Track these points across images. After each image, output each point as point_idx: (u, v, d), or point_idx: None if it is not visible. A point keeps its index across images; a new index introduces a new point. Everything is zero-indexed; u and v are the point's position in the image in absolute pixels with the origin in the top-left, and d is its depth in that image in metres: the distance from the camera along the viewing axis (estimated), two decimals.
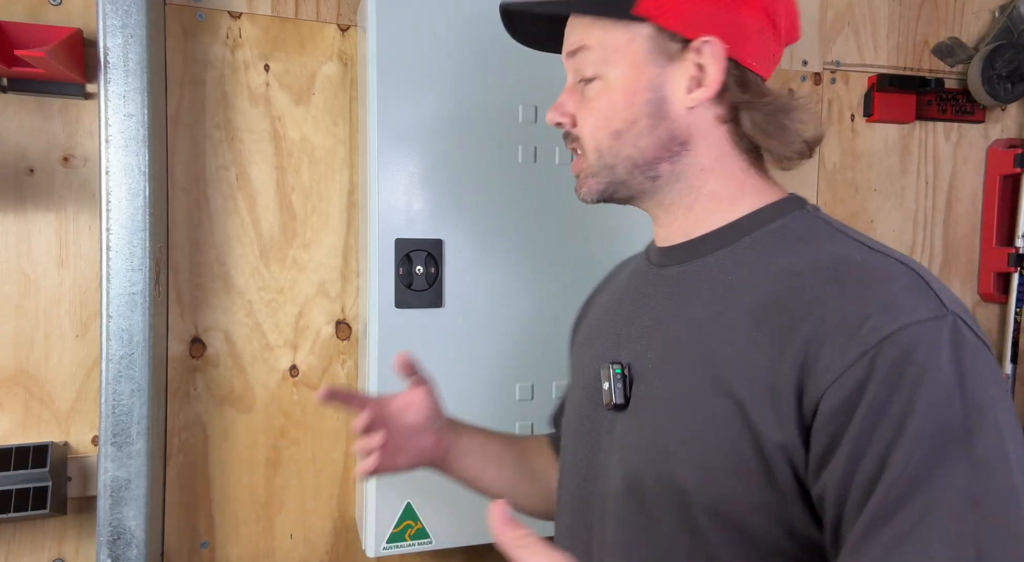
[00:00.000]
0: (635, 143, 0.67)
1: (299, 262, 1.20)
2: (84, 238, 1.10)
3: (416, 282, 1.06)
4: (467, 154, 1.08)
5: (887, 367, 0.52)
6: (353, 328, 1.23)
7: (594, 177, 0.70)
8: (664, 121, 0.67)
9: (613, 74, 0.67)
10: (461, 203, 1.08)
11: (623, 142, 0.67)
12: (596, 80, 0.68)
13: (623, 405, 0.68)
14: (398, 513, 1.08)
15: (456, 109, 1.06)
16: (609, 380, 0.69)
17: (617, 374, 0.68)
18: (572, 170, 0.74)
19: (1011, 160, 1.53)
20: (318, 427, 1.22)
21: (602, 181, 0.70)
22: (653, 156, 0.67)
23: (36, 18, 1.06)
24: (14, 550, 1.08)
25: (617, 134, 0.67)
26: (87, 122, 1.09)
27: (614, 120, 0.67)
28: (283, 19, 1.18)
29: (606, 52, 0.67)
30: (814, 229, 0.65)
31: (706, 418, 0.60)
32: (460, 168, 1.07)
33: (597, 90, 0.68)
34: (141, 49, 1.01)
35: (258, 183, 1.18)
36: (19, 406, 1.08)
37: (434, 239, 1.07)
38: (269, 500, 1.20)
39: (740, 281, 0.63)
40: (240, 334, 1.18)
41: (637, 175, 0.68)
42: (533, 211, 1.11)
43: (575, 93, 0.71)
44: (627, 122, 0.67)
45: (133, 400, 1.01)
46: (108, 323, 1.01)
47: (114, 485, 1.01)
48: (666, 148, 0.67)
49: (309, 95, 1.20)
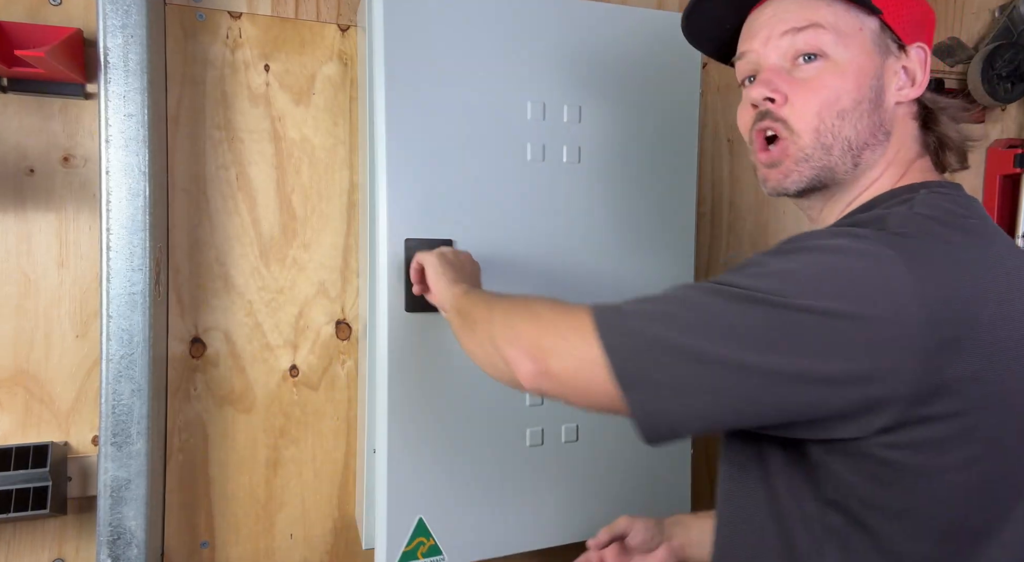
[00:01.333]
0: (855, 124, 0.70)
1: (299, 262, 1.20)
2: (84, 238, 1.10)
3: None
4: (476, 152, 1.06)
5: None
6: (353, 328, 1.23)
7: (806, 162, 0.71)
8: (879, 109, 0.72)
9: (844, 56, 0.70)
10: (470, 202, 1.05)
11: (846, 122, 0.70)
12: (820, 59, 0.70)
13: None
14: (410, 530, 1.04)
15: (464, 107, 1.04)
16: None
17: None
18: (764, 159, 0.73)
19: (1011, 160, 1.53)
20: (318, 427, 1.22)
21: (815, 166, 0.71)
22: (864, 141, 0.71)
23: (36, 18, 1.06)
24: (14, 550, 1.08)
25: (843, 113, 0.70)
26: (87, 122, 1.09)
27: (843, 99, 0.70)
28: (283, 19, 1.18)
29: (838, 34, 0.70)
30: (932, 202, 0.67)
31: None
32: (468, 166, 1.05)
33: (822, 69, 0.70)
34: (141, 49, 1.01)
35: (258, 183, 1.18)
36: (19, 406, 1.08)
37: (444, 239, 1.04)
38: (269, 500, 1.20)
39: None
40: (240, 334, 1.18)
41: (847, 159, 0.71)
42: (542, 210, 1.10)
43: (781, 73, 0.71)
44: (854, 102, 0.70)
45: (133, 400, 1.01)
46: (108, 323, 1.01)
47: (114, 485, 1.01)
48: (874, 135, 0.71)
49: (309, 95, 1.20)
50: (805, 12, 0.71)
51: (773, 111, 0.71)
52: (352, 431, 1.23)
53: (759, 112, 0.72)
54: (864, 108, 0.71)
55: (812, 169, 0.71)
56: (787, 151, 0.71)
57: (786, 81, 0.71)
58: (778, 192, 0.73)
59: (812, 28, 0.70)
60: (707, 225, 1.43)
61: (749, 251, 1.46)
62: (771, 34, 0.72)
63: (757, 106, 0.73)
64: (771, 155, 0.72)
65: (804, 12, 0.71)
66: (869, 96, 0.71)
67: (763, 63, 0.73)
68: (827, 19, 0.70)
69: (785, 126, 0.71)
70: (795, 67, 0.71)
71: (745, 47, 0.75)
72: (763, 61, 0.73)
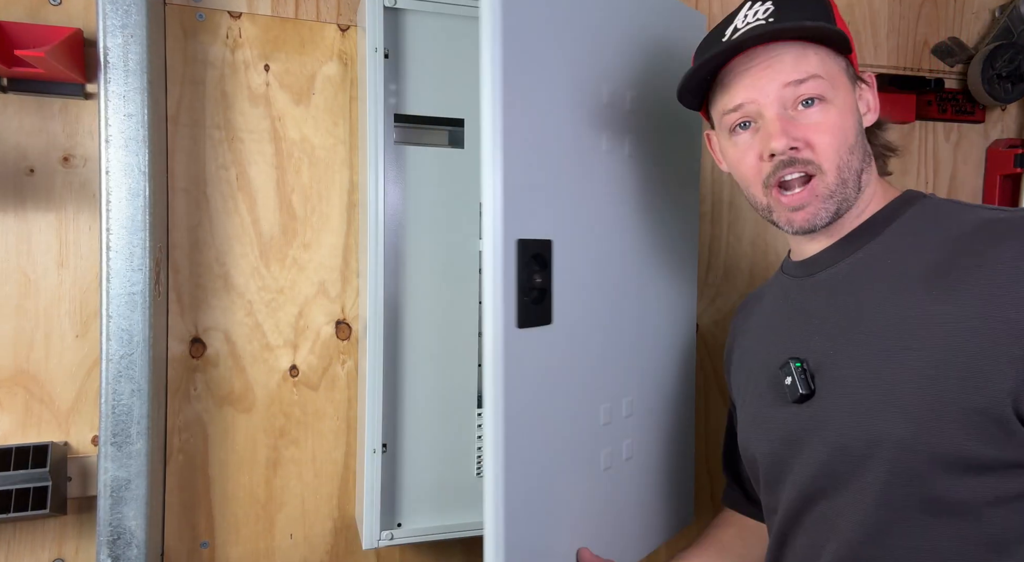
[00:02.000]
0: (858, 155, 0.79)
1: (299, 262, 1.20)
2: (84, 238, 1.10)
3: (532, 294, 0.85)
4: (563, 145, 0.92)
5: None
6: (353, 328, 1.23)
7: (831, 198, 0.77)
8: (863, 137, 0.81)
9: (838, 97, 0.77)
10: (564, 198, 0.91)
11: (854, 156, 0.78)
12: (821, 103, 0.77)
13: (809, 394, 0.77)
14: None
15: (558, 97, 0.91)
16: (792, 375, 0.78)
17: (798, 367, 0.78)
18: (789, 202, 0.78)
19: (1011, 160, 1.53)
20: (318, 427, 1.22)
21: (837, 201, 0.78)
22: (862, 167, 0.79)
23: (36, 18, 1.06)
24: (14, 550, 1.08)
25: (852, 149, 0.78)
26: (87, 122, 1.09)
27: (849, 136, 0.78)
28: (283, 19, 1.18)
29: (831, 78, 0.77)
30: (947, 208, 0.77)
31: (908, 377, 0.69)
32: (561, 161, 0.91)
33: (826, 112, 0.77)
34: (141, 49, 1.01)
35: (258, 183, 1.18)
36: (19, 406, 1.08)
37: (543, 240, 0.87)
38: (269, 500, 1.20)
39: (897, 262, 0.75)
40: (240, 334, 1.18)
41: (855, 187, 0.79)
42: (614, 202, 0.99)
43: (789, 121, 0.77)
44: (855, 136, 0.78)
45: (133, 400, 1.01)
46: (108, 323, 1.01)
47: (114, 485, 1.01)
48: (863, 159, 0.80)
49: (309, 95, 1.20)
50: (800, 64, 0.76)
51: (798, 157, 0.76)
52: (352, 431, 1.23)
53: (780, 161, 0.77)
54: (860, 140, 0.79)
55: (835, 203, 0.77)
56: (815, 190, 0.77)
57: (799, 128, 0.76)
58: (806, 230, 0.79)
59: (813, 80, 0.76)
60: (707, 225, 1.43)
61: (749, 251, 1.46)
62: (770, 86, 0.76)
63: (775, 155, 0.77)
64: (799, 197, 0.77)
65: (799, 64, 0.76)
66: (859, 128, 0.80)
67: (766, 113, 0.77)
68: (821, 68, 0.76)
69: (814, 166, 0.76)
70: (797, 113, 0.77)
71: (742, 98, 0.78)
72: (765, 111, 0.77)
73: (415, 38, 1.12)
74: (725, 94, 0.81)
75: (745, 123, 0.80)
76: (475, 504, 1.19)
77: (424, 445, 1.15)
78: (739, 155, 0.82)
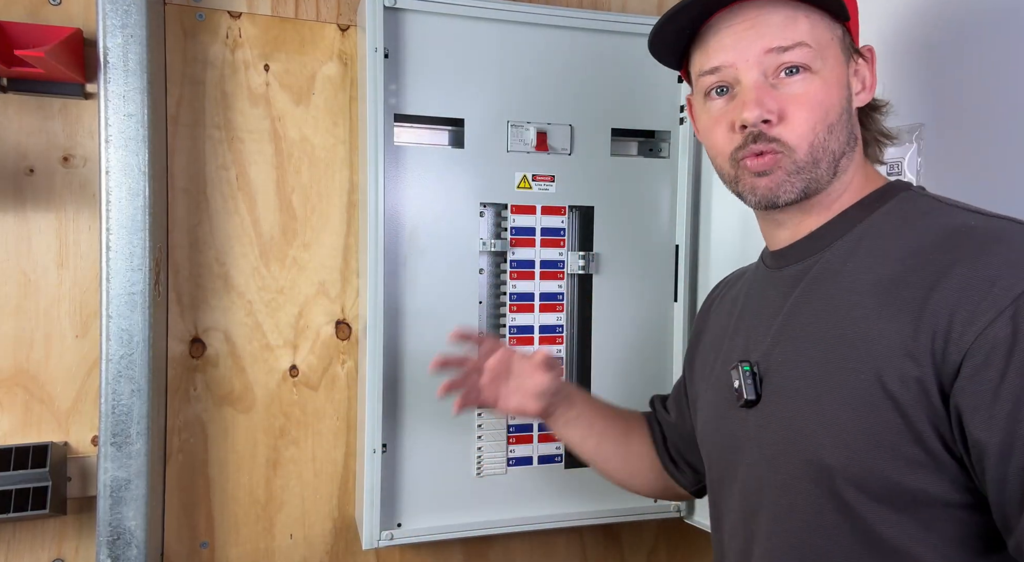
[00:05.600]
0: (839, 136, 0.70)
1: (299, 262, 1.20)
2: (84, 238, 1.10)
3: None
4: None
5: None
6: (353, 328, 1.23)
7: (798, 174, 0.69)
8: (850, 117, 0.72)
9: (825, 68, 0.69)
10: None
11: (832, 135, 0.70)
12: (806, 73, 0.69)
13: (754, 401, 0.73)
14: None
15: None
16: (740, 378, 0.74)
17: (747, 371, 0.73)
18: (753, 165, 0.70)
19: None
20: (318, 427, 1.22)
21: (805, 179, 0.70)
22: (842, 150, 0.71)
23: (36, 18, 1.06)
24: (14, 550, 1.08)
25: (831, 128, 0.69)
26: (87, 122, 1.09)
27: (831, 113, 0.69)
28: (283, 19, 1.18)
29: (820, 47, 0.69)
30: (924, 207, 0.69)
31: (844, 398, 0.64)
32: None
33: (808, 84, 0.68)
34: (141, 49, 1.00)
35: (258, 183, 1.18)
36: (19, 406, 1.08)
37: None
38: (269, 500, 1.20)
39: (858, 268, 0.68)
40: (240, 334, 1.18)
41: (830, 170, 0.70)
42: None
43: (767, 89, 0.69)
44: (838, 115, 0.70)
45: (133, 400, 1.01)
46: (108, 323, 1.01)
47: (114, 485, 1.01)
48: (848, 142, 0.71)
49: (309, 95, 1.20)
50: (787, 29, 0.68)
51: (766, 132, 0.69)
52: (352, 431, 1.23)
53: (750, 133, 0.69)
54: (844, 119, 0.71)
55: (803, 181, 0.70)
56: (779, 163, 0.69)
57: (775, 98, 0.68)
58: (767, 203, 0.71)
59: (799, 47, 0.68)
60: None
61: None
62: (751, 50, 0.69)
63: (746, 127, 0.69)
64: (762, 162, 0.70)
65: (786, 29, 0.68)
66: (845, 106, 0.71)
67: (743, 79, 0.70)
68: (810, 35, 0.68)
69: (780, 145, 0.69)
70: (778, 81, 0.69)
71: (719, 61, 0.71)
72: (744, 77, 0.70)
73: (415, 38, 1.12)
74: (703, 53, 0.73)
75: (721, 88, 0.72)
76: (475, 504, 1.19)
77: (424, 445, 1.15)
78: (710, 123, 0.74)
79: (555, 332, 1.22)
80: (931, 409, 0.59)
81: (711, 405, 0.83)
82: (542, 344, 1.21)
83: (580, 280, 1.24)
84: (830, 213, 0.73)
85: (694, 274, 1.26)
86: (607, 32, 1.20)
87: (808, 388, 0.67)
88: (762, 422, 0.72)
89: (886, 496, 0.62)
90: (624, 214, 1.24)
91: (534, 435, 1.22)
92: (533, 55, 1.18)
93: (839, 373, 0.65)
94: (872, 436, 0.62)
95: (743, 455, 0.75)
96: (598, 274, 1.22)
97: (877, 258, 0.67)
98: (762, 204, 0.72)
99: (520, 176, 1.18)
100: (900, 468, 0.61)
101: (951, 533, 0.61)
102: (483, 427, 1.18)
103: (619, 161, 1.23)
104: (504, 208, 1.18)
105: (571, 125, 1.20)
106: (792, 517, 0.68)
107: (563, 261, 1.21)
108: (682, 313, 1.25)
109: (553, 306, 1.21)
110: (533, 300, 1.20)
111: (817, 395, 0.66)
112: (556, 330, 1.22)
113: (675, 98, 1.25)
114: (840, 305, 0.67)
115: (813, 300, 0.70)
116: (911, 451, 0.60)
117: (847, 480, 0.63)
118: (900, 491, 0.61)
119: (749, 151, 0.70)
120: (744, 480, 0.75)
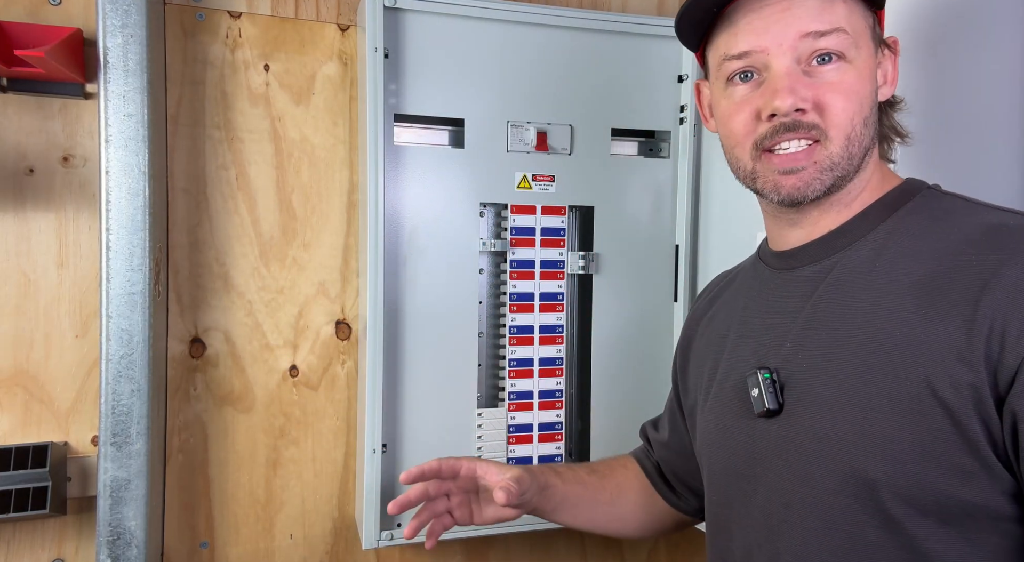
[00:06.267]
0: (870, 130, 0.68)
1: (299, 262, 1.20)
2: (84, 238, 1.10)
3: None
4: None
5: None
6: (353, 328, 1.23)
7: (831, 171, 0.66)
8: (875, 110, 0.69)
9: (860, 59, 0.66)
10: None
11: (867, 129, 0.67)
12: (840, 61, 0.65)
13: (776, 410, 0.68)
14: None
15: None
16: (760, 386, 0.69)
17: (767, 379, 0.69)
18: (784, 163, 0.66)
19: None
20: (318, 427, 1.22)
21: (836, 175, 0.66)
22: (870, 145, 0.68)
23: (36, 18, 1.06)
24: (14, 550, 1.08)
25: (866, 121, 0.67)
26: (87, 122, 1.09)
27: (865, 105, 0.66)
28: (283, 19, 1.18)
29: (856, 35, 0.66)
30: (948, 205, 0.67)
31: (889, 406, 0.60)
32: None
33: (844, 73, 0.65)
34: (141, 49, 1.00)
35: (258, 183, 1.18)
36: (19, 406, 1.08)
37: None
38: (269, 500, 1.20)
39: (889, 267, 0.65)
40: (240, 334, 1.18)
41: (858, 166, 0.67)
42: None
43: (799, 77, 0.65)
44: (871, 108, 0.67)
45: (133, 400, 1.01)
46: (108, 323, 1.01)
47: (114, 485, 1.01)
48: (873, 137, 0.69)
49: (309, 95, 1.20)
50: (824, 12, 0.64)
51: (803, 121, 0.65)
52: (352, 431, 1.23)
53: (781, 123, 0.65)
54: (874, 114, 0.68)
55: (833, 178, 0.66)
56: (815, 156, 0.65)
57: (809, 86, 0.65)
58: (791, 201, 0.67)
59: (836, 33, 0.64)
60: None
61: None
62: (785, 34, 0.64)
63: (775, 115, 0.65)
64: (795, 159, 0.66)
65: (823, 12, 0.64)
66: (875, 100, 0.68)
67: (774, 65, 0.65)
68: (847, 21, 0.65)
69: (821, 133, 0.65)
70: (810, 68, 0.65)
71: (749, 45, 0.66)
72: (774, 63, 0.65)
73: (415, 38, 1.12)
74: (730, 35, 0.68)
75: (747, 74, 0.68)
76: None
77: (424, 445, 1.15)
78: (732, 109, 0.69)
79: (555, 332, 1.22)
80: (985, 416, 0.57)
81: (714, 416, 0.79)
82: (542, 344, 1.21)
83: (580, 280, 1.24)
84: (850, 211, 0.69)
85: (694, 274, 1.26)
86: (607, 32, 1.20)
87: (844, 396, 0.63)
88: (787, 434, 0.67)
89: (935, 509, 0.59)
90: (624, 214, 1.24)
91: (534, 435, 1.22)
92: (533, 55, 1.18)
93: (881, 379, 0.61)
94: (921, 446, 0.58)
95: (762, 469, 0.70)
96: (598, 274, 1.22)
97: (909, 258, 0.64)
98: (786, 202, 0.68)
99: (520, 176, 1.18)
100: (951, 479, 0.58)
101: (998, 546, 0.59)
102: (483, 427, 1.18)
103: (619, 161, 1.24)
104: (504, 208, 1.18)
105: (571, 125, 1.20)
106: (829, 535, 0.64)
107: (563, 261, 1.21)
108: (682, 313, 1.25)
109: (553, 306, 1.21)
110: (533, 300, 1.20)
111: (856, 404, 0.62)
112: (556, 330, 1.22)
113: (675, 98, 1.25)
114: (875, 308, 0.63)
115: (841, 302, 0.66)
116: (963, 461, 0.57)
117: (893, 494, 0.60)
118: (950, 503, 0.58)
119: (778, 140, 0.66)
120: (766, 496, 0.70)
